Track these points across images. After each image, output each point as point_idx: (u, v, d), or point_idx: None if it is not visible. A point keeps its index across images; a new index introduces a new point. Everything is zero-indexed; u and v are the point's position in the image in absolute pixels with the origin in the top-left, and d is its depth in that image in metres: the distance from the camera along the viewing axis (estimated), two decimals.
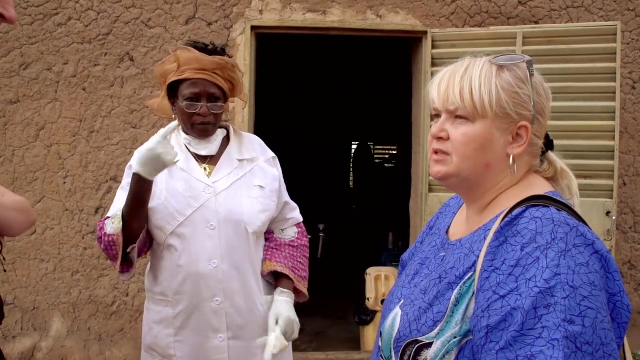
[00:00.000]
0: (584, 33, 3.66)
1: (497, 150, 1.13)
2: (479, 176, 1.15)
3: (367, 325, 4.47)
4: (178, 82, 2.05)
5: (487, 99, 1.11)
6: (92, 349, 3.96)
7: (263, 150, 2.25)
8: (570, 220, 1.03)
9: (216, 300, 2.04)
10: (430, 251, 1.29)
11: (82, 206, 3.96)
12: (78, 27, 3.91)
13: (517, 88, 1.12)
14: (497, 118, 1.12)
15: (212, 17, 3.94)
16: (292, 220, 2.28)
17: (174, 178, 2.08)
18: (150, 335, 2.14)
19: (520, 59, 1.15)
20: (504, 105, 1.11)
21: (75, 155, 3.96)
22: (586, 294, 0.94)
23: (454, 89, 1.13)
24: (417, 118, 4.17)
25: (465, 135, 1.13)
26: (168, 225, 2.04)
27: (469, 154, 1.13)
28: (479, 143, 1.13)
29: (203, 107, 2.04)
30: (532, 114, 1.13)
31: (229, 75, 2.10)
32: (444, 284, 1.11)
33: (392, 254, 6.07)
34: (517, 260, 1.00)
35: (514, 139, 1.13)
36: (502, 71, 1.13)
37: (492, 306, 0.99)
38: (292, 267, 2.18)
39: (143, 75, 3.94)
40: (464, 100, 1.12)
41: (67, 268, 3.99)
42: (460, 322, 1.05)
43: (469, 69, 1.14)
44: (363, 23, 3.99)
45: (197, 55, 2.02)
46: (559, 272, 0.95)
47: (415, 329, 1.10)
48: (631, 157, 4.03)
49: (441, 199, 3.85)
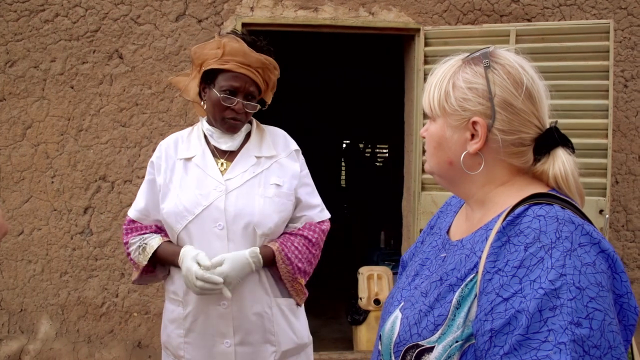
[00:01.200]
0: (577, 31, 3.65)
1: (453, 147, 1.14)
2: (447, 173, 1.17)
3: (359, 325, 4.44)
4: (218, 70, 1.99)
5: (436, 98, 1.14)
6: (82, 351, 3.90)
7: (285, 145, 2.16)
8: (575, 219, 0.99)
9: (223, 304, 1.99)
10: (431, 252, 1.25)
11: (70, 206, 3.90)
12: (66, 24, 3.85)
13: (468, 83, 1.10)
14: (448, 115, 1.13)
15: (203, 14, 3.89)
16: (304, 219, 2.13)
17: (189, 174, 2.04)
18: (165, 333, 2.12)
19: (479, 52, 1.14)
20: (452, 102, 1.11)
21: (64, 155, 3.90)
22: (593, 296, 0.91)
23: (426, 90, 1.19)
24: (410, 117, 4.14)
25: (428, 134, 1.18)
26: (178, 224, 2.00)
27: (431, 152, 1.18)
28: (436, 141, 1.16)
29: (239, 104, 1.99)
30: (491, 108, 1.08)
31: (269, 76, 2.06)
32: (445, 286, 1.07)
33: (385, 253, 6.05)
34: (521, 261, 0.96)
35: (474, 136, 1.11)
36: (463, 68, 1.13)
37: (496, 309, 0.95)
38: (281, 243, 2.04)
39: (132, 73, 3.88)
40: (425, 102, 1.17)
41: (56, 269, 3.92)
42: (462, 326, 1.02)
43: (436, 70, 1.17)
44: (355, 20, 3.96)
45: (245, 49, 1.97)
46: (565, 273, 0.92)
47: (416, 332, 1.06)
48: (624, 156, 4.02)
49: (434, 198, 3.83)
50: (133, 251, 2.08)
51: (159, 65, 3.88)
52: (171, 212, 2.00)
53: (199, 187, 2.00)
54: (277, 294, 2.08)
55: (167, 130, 3.87)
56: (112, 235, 3.90)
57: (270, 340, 2.04)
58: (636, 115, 4.01)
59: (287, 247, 2.04)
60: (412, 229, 4.00)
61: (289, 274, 2.05)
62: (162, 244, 2.05)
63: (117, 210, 3.90)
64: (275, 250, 2.01)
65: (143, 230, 2.12)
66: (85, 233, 3.90)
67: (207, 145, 2.09)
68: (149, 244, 2.05)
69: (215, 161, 2.06)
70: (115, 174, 3.90)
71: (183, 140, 2.14)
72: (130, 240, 2.10)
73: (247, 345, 2.02)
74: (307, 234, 2.10)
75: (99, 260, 3.91)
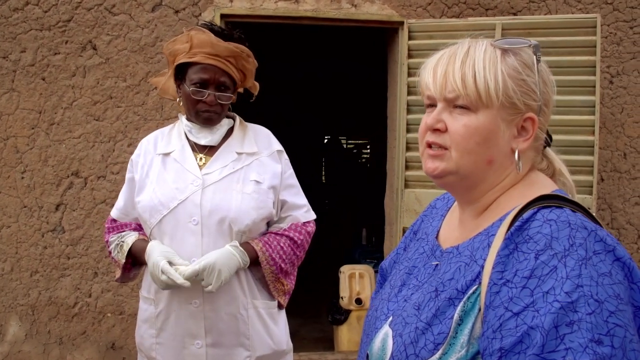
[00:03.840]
0: (564, 25, 3.58)
1: (501, 144, 1.00)
2: (480, 174, 1.02)
3: (341, 325, 4.36)
4: (188, 64, 1.94)
5: (493, 86, 0.97)
6: (53, 353, 3.77)
7: (268, 144, 2.10)
8: (587, 224, 0.90)
9: (195, 303, 1.92)
10: (419, 259, 1.14)
11: (41, 203, 3.76)
12: (36, 13, 3.69)
13: (525, 75, 0.99)
14: (502, 108, 0.98)
15: (180, 5, 3.76)
16: (289, 219, 2.08)
17: (167, 169, 1.99)
18: (139, 334, 2.08)
19: (526, 43, 1.01)
20: (510, 93, 0.98)
21: (34, 149, 3.75)
22: (613, 309, 0.81)
23: (454, 74, 0.99)
24: (393, 111, 4.04)
25: (467, 127, 0.99)
26: (152, 218, 1.94)
27: (471, 148, 0.99)
28: (483, 136, 0.99)
29: (210, 96, 1.93)
30: (539, 105, 1.00)
31: (243, 65, 1.99)
32: (443, 300, 0.96)
33: (366, 251, 5.99)
34: (532, 271, 0.86)
35: (519, 133, 1.01)
36: (507, 55, 1.00)
37: (505, 325, 0.85)
38: (265, 242, 1.99)
39: (107, 65, 3.74)
40: (466, 87, 0.98)
41: (26, 268, 3.77)
42: (466, 345, 0.91)
43: (470, 52, 1.00)
44: (337, 13, 3.85)
45: (212, 39, 1.90)
46: (582, 284, 0.82)
47: (412, 353, 0.95)
48: (609, 153, 3.97)
49: (418, 195, 3.75)
50: (113, 249, 2.06)
51: (135, 57, 3.74)
52: (146, 206, 1.95)
53: (176, 181, 1.95)
54: (255, 296, 2.00)
55: (143, 124, 3.73)
56: (85, 233, 3.76)
57: (244, 343, 1.97)
58: (622, 111, 3.96)
59: (271, 247, 1.98)
60: (395, 226, 3.92)
61: (272, 274, 1.99)
62: (136, 241, 2.02)
63: (90, 207, 3.76)
64: (259, 250, 1.95)
65: (122, 229, 2.11)
66: (57, 231, 3.76)
67: (187, 140, 2.04)
68: (125, 241, 2.03)
69: (194, 156, 2.01)
70: (89, 169, 3.76)
71: (163, 136, 2.10)
72: (110, 238, 2.09)
73: (220, 347, 1.95)
74: (292, 235, 2.04)
75: (71, 259, 3.77)
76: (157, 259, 1.86)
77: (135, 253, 2.02)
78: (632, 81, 3.95)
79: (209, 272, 1.83)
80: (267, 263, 1.97)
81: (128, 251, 2.01)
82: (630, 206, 4.00)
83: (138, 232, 2.08)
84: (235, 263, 1.88)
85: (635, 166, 3.99)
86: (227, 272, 1.85)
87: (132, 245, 2.02)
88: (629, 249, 4.01)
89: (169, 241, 1.93)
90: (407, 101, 3.78)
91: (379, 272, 1.35)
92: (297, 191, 2.11)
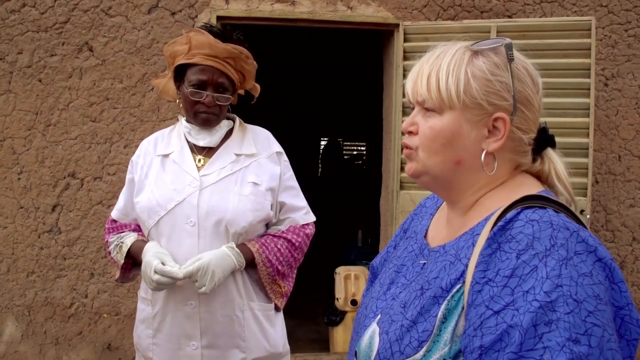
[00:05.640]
0: (559, 28, 3.60)
1: (468, 145, 1.02)
2: (450, 174, 1.04)
3: (336, 326, 4.37)
4: (186, 65, 1.95)
5: (453, 89, 1.00)
6: (49, 354, 3.77)
7: (267, 146, 2.10)
8: (570, 224, 0.91)
9: (190, 305, 1.93)
10: (407, 257, 1.15)
11: (38, 204, 3.77)
12: (33, 15, 3.70)
13: (491, 75, 1.00)
14: (466, 109, 1.01)
15: (177, 7, 3.77)
16: (288, 221, 2.08)
17: (166, 170, 2.00)
18: (136, 334, 2.08)
19: (499, 43, 1.03)
20: (474, 94, 1.00)
21: (31, 150, 3.76)
22: (592, 309, 0.82)
23: (422, 79, 1.04)
24: (389, 114, 4.06)
25: (432, 129, 1.03)
26: (150, 219, 1.95)
27: (437, 149, 1.03)
28: (446, 137, 1.02)
29: (208, 97, 1.93)
30: (512, 104, 1.00)
31: (242, 66, 1.99)
32: (428, 298, 0.98)
33: (362, 252, 5.99)
34: (513, 270, 0.87)
35: (491, 133, 1.02)
36: (476, 57, 1.02)
37: (486, 324, 0.86)
38: (262, 244, 1.99)
39: (103, 67, 3.75)
40: (430, 91, 1.02)
41: (22, 269, 3.78)
42: (449, 342, 0.92)
43: (439, 57, 1.04)
44: (333, 15, 3.86)
45: (211, 41, 1.91)
46: (561, 284, 0.83)
47: (397, 350, 0.96)
48: (604, 155, 3.99)
49: (413, 197, 3.76)
50: (112, 250, 2.07)
51: (131, 59, 3.75)
52: (144, 207, 1.96)
53: (174, 182, 1.96)
54: (252, 298, 2.00)
55: (139, 125, 3.75)
56: (81, 233, 3.77)
57: (239, 345, 1.97)
58: (616, 114, 3.98)
59: (268, 249, 1.98)
60: (390, 228, 3.93)
61: (269, 276, 1.99)
62: (135, 242, 2.02)
63: (87, 208, 3.77)
64: (255, 252, 1.95)
65: (122, 229, 2.12)
66: (54, 231, 3.77)
67: (186, 142, 2.05)
68: (124, 242, 2.04)
69: (193, 157, 2.02)
70: (85, 170, 3.77)
71: (163, 137, 2.11)
72: (109, 239, 2.10)
73: (215, 349, 1.95)
74: (290, 237, 2.04)
75: (67, 260, 3.78)
76: (150, 259, 1.87)
77: (134, 254, 2.02)
78: (626, 84, 3.97)
79: (202, 273, 1.83)
80: (264, 265, 1.96)
81: (127, 252, 2.02)
82: (624, 208, 4.01)
83: (137, 232, 2.09)
84: (230, 264, 1.88)
85: (629, 168, 4.00)
86: (221, 273, 1.86)
87: (131, 246, 2.02)
88: (624, 251, 4.03)
89: (166, 242, 1.93)
90: (402, 103, 3.80)
91: (370, 270, 1.36)
92: (296, 193, 2.11)
